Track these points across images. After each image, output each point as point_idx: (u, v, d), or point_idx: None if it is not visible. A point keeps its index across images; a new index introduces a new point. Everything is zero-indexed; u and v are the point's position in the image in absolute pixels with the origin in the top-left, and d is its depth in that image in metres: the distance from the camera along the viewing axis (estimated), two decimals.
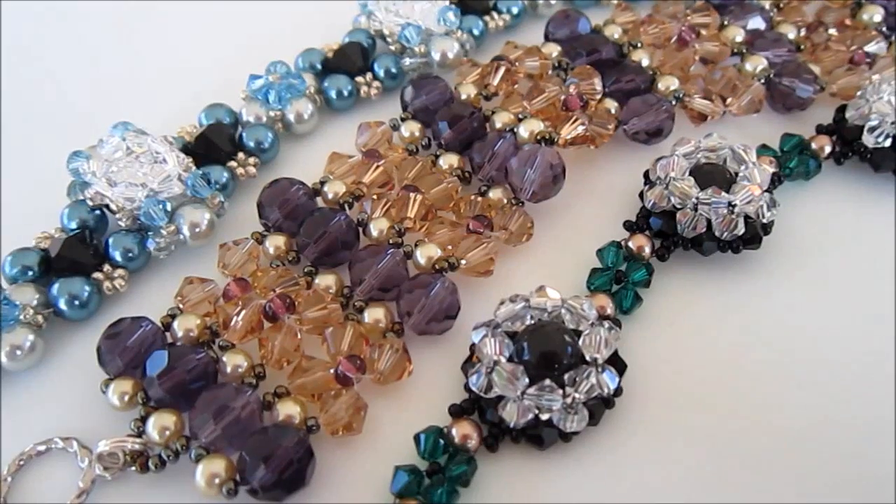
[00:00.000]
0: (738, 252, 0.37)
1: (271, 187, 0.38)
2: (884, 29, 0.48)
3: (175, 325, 0.34)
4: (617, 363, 0.32)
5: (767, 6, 0.49)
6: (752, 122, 0.44)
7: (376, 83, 0.45)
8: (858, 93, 0.43)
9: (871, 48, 0.47)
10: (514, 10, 0.50)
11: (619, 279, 0.36)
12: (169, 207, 0.38)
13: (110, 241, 0.38)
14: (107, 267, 0.37)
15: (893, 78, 0.43)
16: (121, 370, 0.33)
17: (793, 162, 0.41)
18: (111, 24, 0.51)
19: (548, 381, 0.30)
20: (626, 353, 0.34)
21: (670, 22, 0.46)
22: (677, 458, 0.32)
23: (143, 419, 0.32)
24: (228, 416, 0.30)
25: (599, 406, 0.31)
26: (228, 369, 0.33)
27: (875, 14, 0.48)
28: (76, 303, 0.36)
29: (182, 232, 0.38)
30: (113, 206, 0.37)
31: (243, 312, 0.34)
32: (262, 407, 0.32)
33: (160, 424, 0.31)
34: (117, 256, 0.38)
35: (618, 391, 0.32)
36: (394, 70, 0.46)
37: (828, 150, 0.42)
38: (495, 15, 0.49)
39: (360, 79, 0.45)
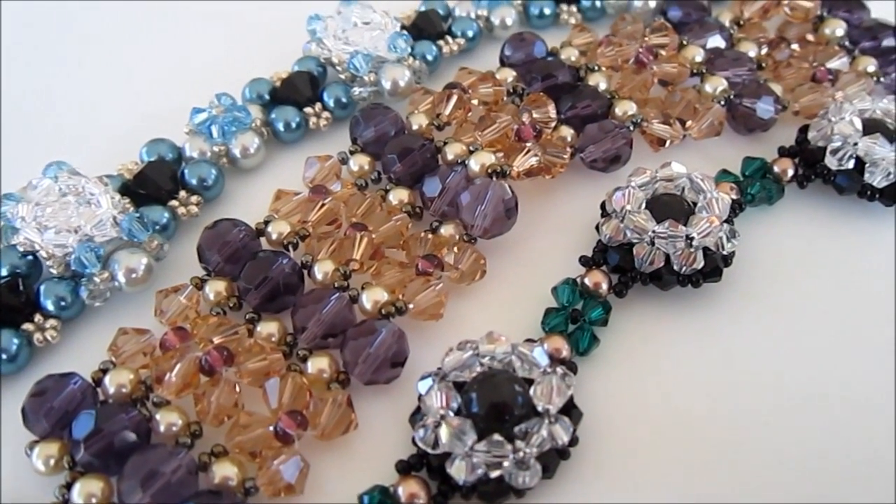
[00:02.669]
0: (698, 286, 0.35)
1: (212, 229, 0.37)
2: (846, 43, 0.47)
3: (106, 380, 0.32)
4: (572, 411, 0.31)
5: (727, 23, 0.48)
6: (713, 145, 0.43)
7: (326, 114, 0.44)
8: (821, 112, 0.42)
9: (833, 64, 0.46)
10: (470, 34, 0.48)
11: (576, 318, 0.35)
12: (103, 253, 0.36)
13: (42, 288, 0.36)
14: (38, 317, 0.35)
15: (855, 97, 0.42)
16: (47, 432, 0.31)
17: (755, 187, 0.40)
18: (57, 55, 0.49)
19: (496, 436, 0.28)
20: (583, 397, 0.32)
21: (628, 43, 0.45)
22: None
23: (69, 486, 0.30)
24: (158, 482, 0.29)
25: (554, 458, 0.30)
26: (162, 428, 0.31)
27: (837, 28, 0.48)
28: (4, 357, 0.34)
29: (117, 278, 0.36)
30: (42, 253, 0.35)
31: (178, 366, 0.32)
32: (198, 468, 0.30)
33: (86, 491, 0.29)
34: (49, 305, 0.36)
35: (573, 441, 0.30)
36: (344, 99, 0.44)
37: (791, 173, 0.41)
38: (450, 39, 0.48)
39: (308, 109, 0.44)
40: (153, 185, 0.39)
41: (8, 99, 0.46)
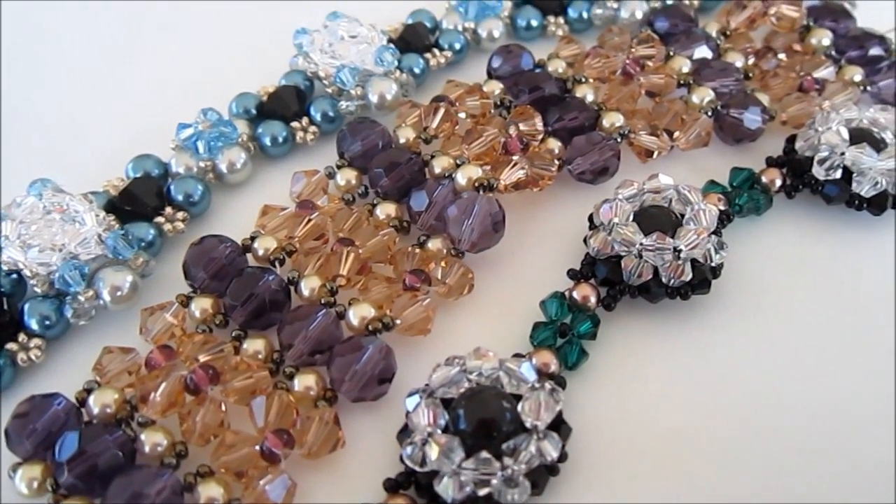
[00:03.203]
0: (686, 298, 0.35)
1: (197, 246, 0.36)
2: (832, 53, 0.47)
3: (91, 400, 0.32)
4: (561, 426, 0.31)
5: (714, 34, 0.48)
6: (701, 156, 0.43)
7: (313, 128, 0.43)
8: (808, 122, 0.42)
9: (819, 74, 0.46)
10: (457, 46, 0.48)
11: (564, 332, 0.34)
12: (87, 271, 0.36)
13: (26, 307, 0.35)
14: (22, 336, 0.35)
15: (842, 107, 0.42)
16: (30, 454, 0.31)
17: (742, 198, 0.40)
18: (42, 71, 0.49)
19: (484, 454, 0.28)
20: (572, 411, 0.32)
21: (615, 55, 0.45)
22: None
23: None
24: None
25: (543, 474, 0.30)
26: (147, 448, 0.31)
27: (823, 38, 0.48)
28: None
29: (102, 297, 0.36)
30: (26, 272, 0.35)
31: (163, 386, 0.31)
32: (183, 489, 0.30)
33: None
34: (33, 324, 0.35)
35: (562, 457, 0.30)
36: (331, 113, 0.44)
37: (778, 183, 0.41)
38: (437, 52, 0.47)
39: (295, 124, 0.43)
40: (139, 201, 0.39)
41: None
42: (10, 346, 0.35)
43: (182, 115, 0.42)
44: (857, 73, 0.46)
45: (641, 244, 0.35)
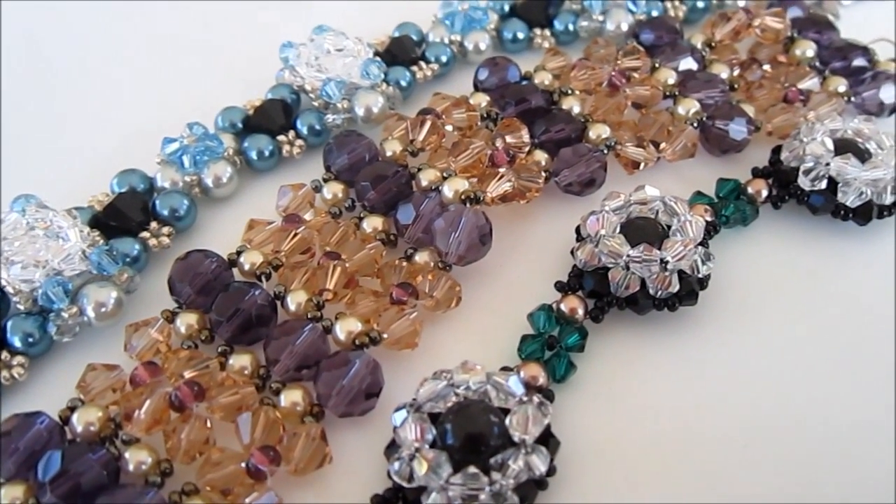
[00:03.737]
0: (674, 310, 0.35)
1: (183, 261, 0.36)
2: (816, 64, 0.47)
3: (74, 418, 0.31)
4: (549, 440, 0.30)
5: (699, 46, 0.48)
6: (688, 167, 0.43)
7: (299, 141, 0.43)
8: (793, 133, 0.42)
9: (804, 85, 0.46)
10: (443, 59, 0.48)
11: (552, 345, 0.34)
12: (71, 287, 0.35)
13: (9, 325, 0.35)
14: (5, 353, 0.35)
15: (827, 117, 0.42)
16: (12, 473, 0.30)
17: (729, 209, 0.40)
18: (27, 87, 0.49)
19: (472, 469, 0.28)
20: (561, 424, 0.32)
21: (601, 66, 0.45)
22: None
23: None
24: None
25: (531, 488, 0.29)
26: (131, 467, 0.30)
27: (807, 49, 0.48)
28: None
29: (86, 313, 0.35)
30: (9, 289, 0.35)
31: (147, 403, 0.31)
32: None
33: None
34: (16, 342, 0.35)
35: (550, 471, 0.30)
36: (318, 127, 0.44)
37: (765, 193, 0.41)
38: (423, 64, 0.48)
39: (282, 137, 0.43)
40: (124, 216, 0.39)
41: None
42: None
43: (165, 130, 0.42)
44: (841, 84, 0.46)
45: (628, 256, 0.34)
